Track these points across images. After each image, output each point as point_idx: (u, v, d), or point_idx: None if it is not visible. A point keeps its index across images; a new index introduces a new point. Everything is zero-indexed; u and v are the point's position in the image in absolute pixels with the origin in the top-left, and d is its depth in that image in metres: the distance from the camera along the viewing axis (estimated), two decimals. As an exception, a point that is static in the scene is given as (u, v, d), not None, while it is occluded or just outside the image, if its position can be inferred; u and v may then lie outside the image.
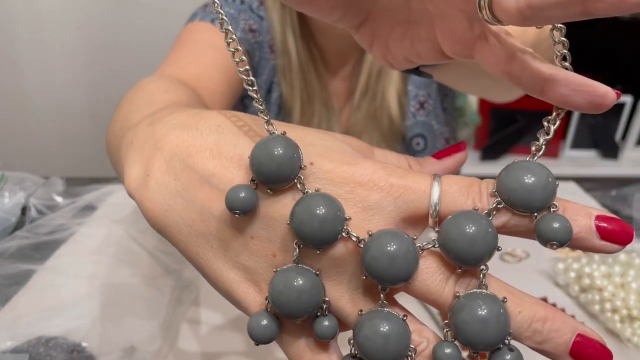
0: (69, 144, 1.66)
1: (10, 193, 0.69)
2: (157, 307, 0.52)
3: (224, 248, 0.24)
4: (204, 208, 0.24)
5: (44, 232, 0.65)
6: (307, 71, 0.72)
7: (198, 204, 0.24)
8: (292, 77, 0.72)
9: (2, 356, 0.45)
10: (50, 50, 1.58)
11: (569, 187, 0.84)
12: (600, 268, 0.53)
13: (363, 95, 0.74)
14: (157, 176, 0.25)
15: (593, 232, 0.22)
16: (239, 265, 0.24)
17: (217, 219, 0.23)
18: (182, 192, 0.24)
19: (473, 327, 0.21)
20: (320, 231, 0.21)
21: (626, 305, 0.49)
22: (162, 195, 0.24)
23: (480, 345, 0.22)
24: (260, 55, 0.72)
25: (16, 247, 0.62)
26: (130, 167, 0.27)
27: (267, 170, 0.22)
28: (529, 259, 0.63)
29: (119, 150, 0.31)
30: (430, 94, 0.76)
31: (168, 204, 0.24)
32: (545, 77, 0.22)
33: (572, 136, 1.79)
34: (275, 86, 0.74)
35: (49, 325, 0.49)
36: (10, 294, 0.55)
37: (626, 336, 0.48)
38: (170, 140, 0.25)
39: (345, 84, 0.77)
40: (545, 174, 0.23)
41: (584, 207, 0.24)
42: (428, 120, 0.77)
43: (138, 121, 0.31)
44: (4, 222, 0.66)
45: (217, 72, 0.60)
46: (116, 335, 0.48)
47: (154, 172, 0.25)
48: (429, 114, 0.76)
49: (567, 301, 0.55)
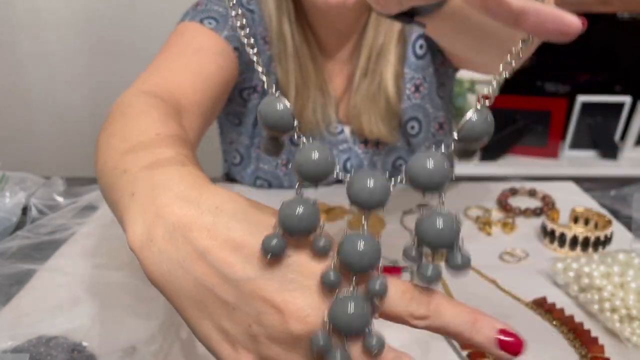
0: (70, 144, 1.66)
1: (11, 193, 0.69)
2: (157, 307, 0.52)
3: (211, 313, 0.28)
4: (198, 279, 0.27)
5: (45, 232, 0.65)
6: (302, 55, 0.74)
7: (194, 275, 0.28)
8: (287, 61, 0.73)
9: (3, 356, 0.45)
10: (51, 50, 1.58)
11: (568, 186, 0.84)
12: (599, 268, 0.53)
13: (363, 77, 0.75)
14: (160, 244, 0.29)
15: (494, 343, 0.28)
16: (221, 328, 0.28)
17: (209, 290, 0.27)
18: (182, 262, 0.28)
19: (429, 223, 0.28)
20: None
21: (625, 305, 0.49)
22: (164, 262, 0.28)
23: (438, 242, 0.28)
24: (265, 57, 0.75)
25: (17, 247, 0.62)
26: (132, 224, 0.30)
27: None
28: (528, 259, 0.63)
29: (115, 192, 0.35)
30: (425, 78, 0.77)
31: (169, 270, 0.28)
32: (518, 10, 0.25)
33: (572, 136, 1.79)
34: (271, 76, 0.76)
35: (50, 324, 0.49)
36: (11, 293, 0.55)
37: (625, 336, 0.48)
38: (174, 212, 0.29)
39: (343, 68, 0.79)
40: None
41: (490, 320, 0.29)
42: (423, 104, 0.78)
43: (133, 164, 0.35)
44: (5, 222, 0.66)
45: (199, 79, 0.63)
46: (117, 335, 0.48)
47: (157, 240, 0.29)
48: (424, 97, 0.78)
49: (566, 301, 0.55)
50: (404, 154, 0.82)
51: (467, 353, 0.47)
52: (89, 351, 0.46)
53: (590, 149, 1.81)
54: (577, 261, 0.56)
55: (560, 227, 0.64)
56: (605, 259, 0.55)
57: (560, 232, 0.64)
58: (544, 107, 1.72)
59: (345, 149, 0.81)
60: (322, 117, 0.77)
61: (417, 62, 0.76)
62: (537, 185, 0.83)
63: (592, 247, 0.63)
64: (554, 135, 1.74)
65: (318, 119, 0.77)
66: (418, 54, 0.76)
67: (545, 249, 0.65)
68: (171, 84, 0.59)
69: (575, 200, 0.77)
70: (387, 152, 0.82)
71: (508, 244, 0.67)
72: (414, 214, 0.75)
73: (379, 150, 0.82)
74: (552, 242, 0.65)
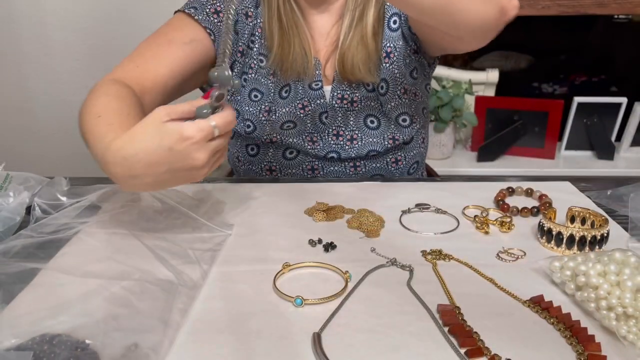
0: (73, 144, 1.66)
1: (14, 193, 0.70)
2: (160, 305, 0.52)
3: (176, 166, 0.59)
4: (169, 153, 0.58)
5: (48, 231, 0.65)
6: (286, 14, 0.88)
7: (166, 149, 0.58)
8: (272, 20, 0.88)
9: (6, 354, 0.45)
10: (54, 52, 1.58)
11: (565, 186, 0.85)
12: (596, 266, 0.53)
13: (348, 33, 0.89)
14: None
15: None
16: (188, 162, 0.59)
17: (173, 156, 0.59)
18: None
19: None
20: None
21: (621, 303, 0.50)
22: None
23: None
24: (235, 27, 0.92)
25: (21, 246, 0.62)
26: (112, 167, 0.61)
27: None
28: (525, 258, 0.64)
29: (92, 137, 0.66)
30: (396, 47, 0.91)
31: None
32: None
33: (568, 137, 1.80)
34: (255, 38, 0.92)
35: (53, 323, 0.49)
36: (15, 292, 0.55)
37: (622, 334, 0.49)
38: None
39: (326, 30, 0.93)
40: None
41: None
42: (392, 69, 0.91)
43: (101, 129, 0.66)
44: (9, 222, 0.67)
45: (164, 66, 0.84)
46: (119, 333, 0.48)
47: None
48: (392, 63, 0.91)
49: (563, 299, 0.56)
50: (376, 113, 0.92)
51: (465, 351, 0.47)
52: (92, 349, 0.46)
53: (586, 150, 1.82)
54: (574, 260, 0.56)
55: (557, 226, 0.65)
56: (601, 257, 0.55)
57: (557, 231, 0.64)
58: (541, 108, 1.73)
59: (322, 103, 0.91)
60: (302, 70, 0.89)
61: (391, 33, 0.91)
62: (534, 185, 0.83)
63: (588, 246, 0.64)
64: (551, 135, 1.75)
65: (299, 71, 0.89)
66: (392, 27, 0.91)
67: (542, 248, 0.66)
68: (139, 70, 0.83)
69: (572, 200, 0.78)
70: (360, 109, 0.92)
71: (505, 243, 0.68)
72: (413, 213, 0.75)
73: (353, 107, 0.91)
74: (549, 241, 0.66)
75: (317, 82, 0.90)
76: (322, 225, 0.72)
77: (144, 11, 1.54)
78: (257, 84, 0.92)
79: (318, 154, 0.93)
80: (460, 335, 0.49)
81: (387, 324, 0.51)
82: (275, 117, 0.90)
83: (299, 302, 0.54)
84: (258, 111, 0.91)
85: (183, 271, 0.58)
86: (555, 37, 2.25)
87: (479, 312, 0.53)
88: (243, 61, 0.93)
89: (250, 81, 0.92)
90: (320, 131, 0.92)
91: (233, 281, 0.59)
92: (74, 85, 1.62)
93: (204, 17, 0.88)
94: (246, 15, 0.91)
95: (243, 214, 0.75)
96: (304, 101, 0.90)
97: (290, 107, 0.90)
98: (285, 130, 0.91)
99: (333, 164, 0.94)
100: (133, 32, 1.56)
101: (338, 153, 0.92)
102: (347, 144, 0.92)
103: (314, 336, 0.49)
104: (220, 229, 0.69)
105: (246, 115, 0.91)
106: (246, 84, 0.92)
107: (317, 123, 0.91)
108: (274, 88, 0.91)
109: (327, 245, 0.65)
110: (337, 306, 0.54)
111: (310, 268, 0.61)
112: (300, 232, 0.69)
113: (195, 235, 0.67)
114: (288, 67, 0.89)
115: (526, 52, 2.38)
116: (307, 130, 0.92)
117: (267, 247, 0.66)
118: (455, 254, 0.64)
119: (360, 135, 0.92)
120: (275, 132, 0.91)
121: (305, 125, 0.91)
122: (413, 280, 0.58)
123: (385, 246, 0.65)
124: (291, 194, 0.81)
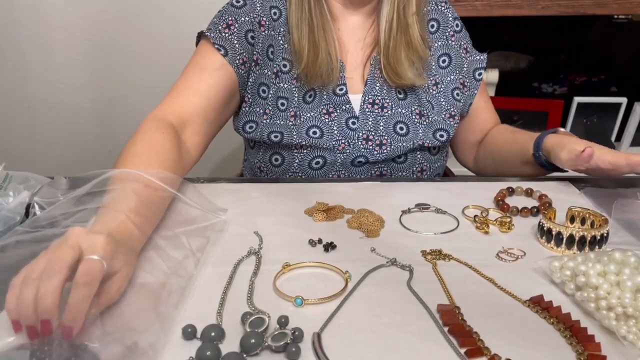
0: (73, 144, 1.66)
1: (14, 192, 0.70)
2: (159, 303, 0.52)
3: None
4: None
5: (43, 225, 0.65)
6: (316, 22, 0.88)
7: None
8: (301, 26, 0.88)
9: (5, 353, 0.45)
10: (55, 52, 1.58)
11: (565, 186, 0.85)
12: (595, 266, 0.53)
13: (388, 39, 0.90)
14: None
15: None
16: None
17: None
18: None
19: None
20: None
21: (621, 303, 0.50)
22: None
23: None
24: (247, 38, 0.90)
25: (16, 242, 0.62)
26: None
27: None
28: (525, 258, 0.64)
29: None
30: (440, 78, 0.96)
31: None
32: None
33: (568, 137, 1.80)
34: (275, 45, 0.91)
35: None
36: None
37: (621, 334, 0.49)
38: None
39: (357, 38, 0.94)
40: None
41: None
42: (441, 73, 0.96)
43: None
44: (9, 221, 0.67)
45: (200, 97, 0.85)
46: (119, 332, 0.48)
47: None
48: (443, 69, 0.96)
49: (562, 299, 0.56)
50: (406, 120, 0.92)
51: (464, 350, 0.47)
52: (92, 349, 0.46)
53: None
54: (574, 260, 0.56)
55: (557, 226, 0.65)
56: (601, 257, 0.55)
57: (557, 231, 0.64)
58: (541, 108, 1.73)
59: (349, 109, 0.91)
60: (327, 76, 0.89)
61: (440, 70, 0.96)
62: (534, 185, 0.83)
63: (588, 246, 0.64)
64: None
65: (323, 77, 0.89)
66: (441, 65, 0.96)
67: (542, 248, 0.66)
68: (176, 103, 0.84)
69: (571, 200, 0.78)
70: (390, 116, 0.92)
71: (505, 242, 0.68)
72: (413, 213, 0.76)
73: (383, 113, 0.92)
74: (549, 241, 0.66)
75: (341, 87, 0.91)
76: (322, 225, 0.72)
77: (144, 11, 1.54)
78: (281, 91, 0.91)
79: (345, 161, 0.91)
80: (460, 335, 0.49)
81: (387, 324, 0.51)
82: (300, 122, 0.89)
83: (299, 302, 0.54)
84: (286, 117, 0.90)
85: (184, 269, 0.58)
86: (555, 37, 2.25)
87: (479, 312, 0.53)
88: (259, 71, 0.92)
89: (274, 89, 0.91)
90: (348, 137, 0.91)
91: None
92: (74, 85, 1.62)
93: (219, 39, 0.88)
94: (259, 25, 0.90)
95: (243, 214, 0.75)
96: (329, 107, 0.90)
97: (315, 112, 0.90)
98: (311, 137, 0.90)
99: (359, 172, 0.93)
100: (133, 32, 1.57)
101: (366, 157, 0.91)
102: (376, 149, 0.91)
103: (314, 336, 0.49)
104: (215, 214, 0.71)
105: (276, 128, 0.90)
106: (269, 93, 0.91)
107: (344, 129, 0.90)
108: (298, 93, 0.91)
109: (327, 245, 0.65)
110: (337, 306, 0.54)
111: (310, 268, 0.61)
112: (300, 232, 0.69)
113: (188, 220, 0.68)
114: (314, 74, 0.88)
115: (526, 52, 2.38)
116: (335, 137, 0.90)
117: (267, 247, 0.66)
118: (455, 254, 0.64)
119: (390, 140, 0.91)
120: (302, 138, 0.89)
121: (332, 131, 0.90)
122: (413, 280, 0.58)
123: (385, 246, 0.65)
124: (291, 194, 0.81)
